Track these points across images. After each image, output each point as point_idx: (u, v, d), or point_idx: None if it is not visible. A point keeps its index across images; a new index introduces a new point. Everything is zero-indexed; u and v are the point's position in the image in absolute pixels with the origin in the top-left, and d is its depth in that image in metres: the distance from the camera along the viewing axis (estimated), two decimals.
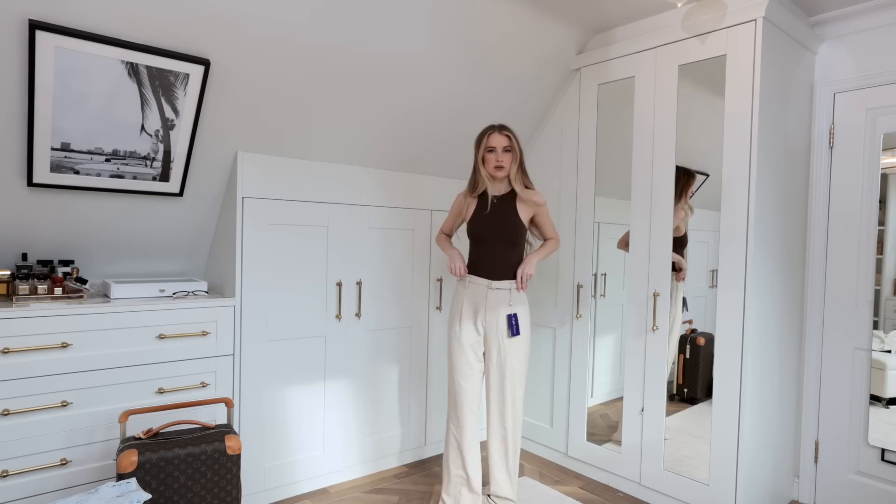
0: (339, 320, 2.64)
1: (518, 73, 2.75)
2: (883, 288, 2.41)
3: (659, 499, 2.53)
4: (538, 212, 2.34)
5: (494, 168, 2.25)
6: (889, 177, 2.41)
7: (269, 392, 2.45)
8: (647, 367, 2.56)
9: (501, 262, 2.28)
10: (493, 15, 2.41)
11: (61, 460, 1.96)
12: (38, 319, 1.91)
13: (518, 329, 2.26)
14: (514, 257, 2.30)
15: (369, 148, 2.65)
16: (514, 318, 2.26)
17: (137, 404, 2.12)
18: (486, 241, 2.29)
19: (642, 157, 2.57)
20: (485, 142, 2.27)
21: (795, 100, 2.45)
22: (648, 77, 2.55)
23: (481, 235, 2.29)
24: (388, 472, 2.84)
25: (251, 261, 2.36)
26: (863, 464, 2.45)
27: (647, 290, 2.55)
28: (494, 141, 2.25)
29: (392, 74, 2.40)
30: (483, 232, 2.29)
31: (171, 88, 1.99)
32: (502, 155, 2.25)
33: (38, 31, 1.68)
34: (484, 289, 2.29)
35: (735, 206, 2.26)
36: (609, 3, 2.47)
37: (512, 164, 2.26)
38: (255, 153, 2.37)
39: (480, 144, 2.29)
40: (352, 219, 2.66)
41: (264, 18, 1.98)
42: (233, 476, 1.98)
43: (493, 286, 2.27)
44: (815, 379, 2.58)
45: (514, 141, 2.26)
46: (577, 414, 2.88)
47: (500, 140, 2.25)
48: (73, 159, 1.98)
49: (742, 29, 2.23)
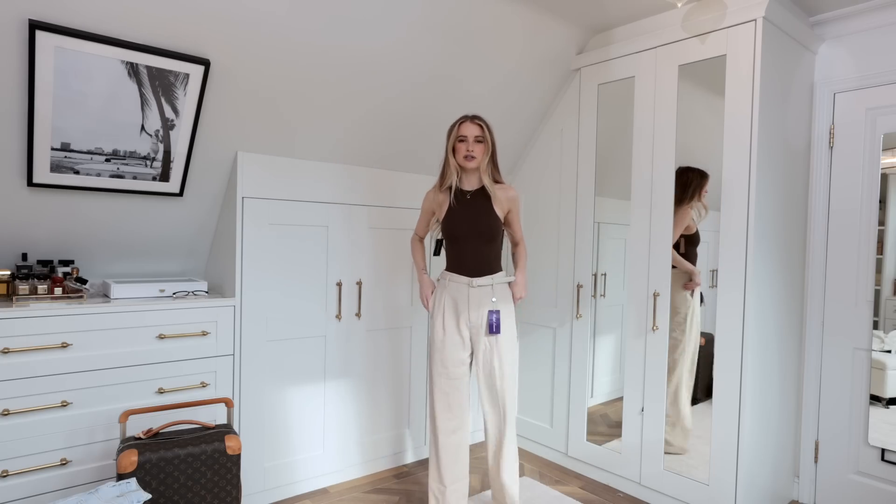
0: (339, 320, 2.64)
1: (518, 73, 2.75)
2: (883, 288, 2.41)
3: (659, 499, 2.53)
4: (511, 209, 2.26)
5: (464, 158, 2.15)
6: (889, 177, 2.41)
7: (269, 392, 2.45)
8: (647, 367, 2.56)
9: (481, 259, 2.20)
10: (493, 15, 2.41)
11: (61, 460, 1.96)
12: (38, 319, 1.91)
13: (498, 327, 2.17)
14: (493, 252, 2.23)
15: (369, 148, 2.65)
16: (494, 315, 2.17)
17: (137, 404, 2.12)
18: (462, 239, 2.20)
19: (642, 157, 2.57)
20: (456, 130, 2.17)
21: (795, 100, 2.45)
22: (648, 77, 2.55)
23: (457, 233, 2.20)
24: (388, 472, 2.84)
25: (251, 261, 2.36)
26: (863, 464, 2.45)
27: (647, 290, 2.55)
28: (466, 130, 2.15)
29: (392, 74, 2.40)
30: (458, 230, 2.20)
31: (171, 88, 1.99)
32: (473, 145, 2.15)
33: (38, 31, 1.68)
34: (465, 287, 2.20)
35: (735, 206, 2.26)
36: (609, 3, 2.47)
37: (483, 156, 2.17)
38: (254, 153, 2.37)
39: (451, 133, 2.18)
40: (352, 219, 2.66)
41: (264, 18, 1.98)
42: (233, 476, 1.98)
43: (475, 283, 2.19)
44: (815, 379, 2.58)
45: (487, 131, 2.16)
46: (577, 414, 2.88)
47: (471, 129, 2.15)
48: (73, 159, 1.98)
49: (742, 29, 2.23)
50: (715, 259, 2.36)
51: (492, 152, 2.19)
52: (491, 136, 2.18)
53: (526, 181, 3.18)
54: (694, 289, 2.56)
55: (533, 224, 3.14)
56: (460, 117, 2.21)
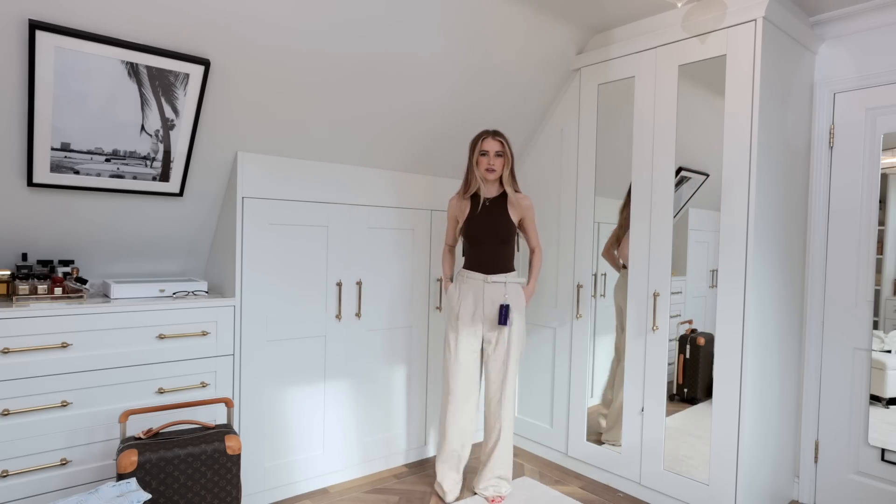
0: (339, 320, 2.64)
1: (518, 73, 2.75)
2: (883, 288, 2.41)
3: (659, 499, 2.53)
4: (525, 216, 2.50)
5: (486, 171, 2.41)
6: (889, 177, 2.41)
7: (269, 392, 2.45)
8: (647, 367, 2.56)
9: (495, 259, 2.46)
10: (492, 15, 2.41)
11: (61, 460, 1.96)
12: (37, 319, 1.91)
13: (506, 319, 2.40)
14: (507, 253, 2.48)
15: (369, 148, 2.65)
16: (505, 308, 2.40)
17: (137, 404, 2.12)
18: (479, 240, 2.46)
19: (642, 157, 2.57)
20: (479, 145, 2.42)
21: (795, 100, 2.45)
22: (648, 77, 2.55)
23: (475, 235, 2.46)
24: (388, 472, 2.84)
25: (251, 261, 2.36)
26: (863, 464, 2.45)
27: (647, 290, 2.55)
28: (488, 145, 2.41)
29: (392, 74, 2.40)
30: (476, 232, 2.46)
31: (171, 88, 1.99)
32: (494, 159, 2.41)
33: (38, 31, 1.68)
34: (480, 283, 2.46)
35: (735, 206, 2.26)
36: (609, 3, 2.47)
37: (504, 168, 2.44)
38: (255, 153, 2.37)
39: (475, 147, 2.44)
40: (352, 219, 2.66)
41: (264, 18, 1.98)
42: (233, 476, 1.98)
43: (489, 280, 2.45)
44: (815, 379, 2.58)
45: (507, 147, 2.43)
46: (577, 414, 2.88)
47: (493, 145, 2.41)
48: (73, 159, 1.98)
49: (742, 29, 2.23)
50: (715, 259, 2.36)
51: (511, 165, 2.46)
52: (510, 150, 2.45)
53: (526, 181, 3.18)
54: None
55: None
56: (482, 132, 2.46)
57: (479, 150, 2.42)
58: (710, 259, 2.47)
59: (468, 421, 2.53)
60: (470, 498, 2.55)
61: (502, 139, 2.42)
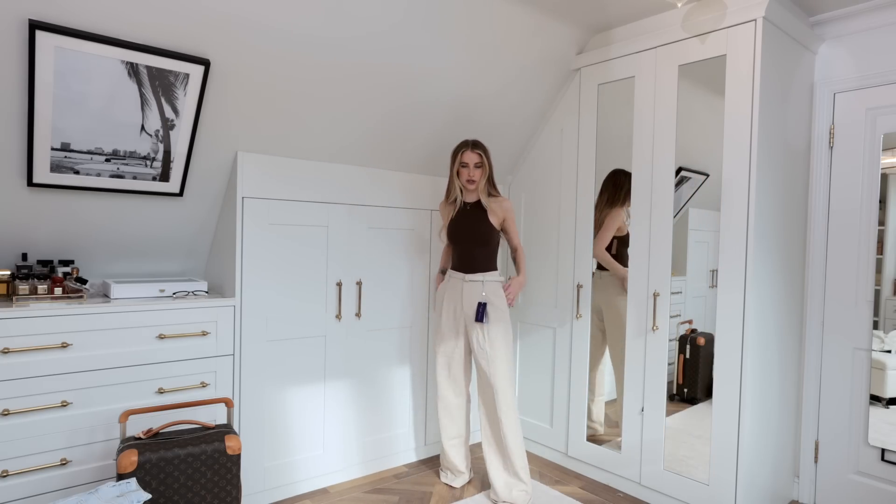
0: (339, 320, 2.64)
1: (518, 73, 2.75)
2: (883, 288, 2.41)
3: (659, 499, 2.53)
4: (506, 217, 2.59)
5: (466, 181, 2.54)
6: (889, 177, 2.41)
7: (269, 392, 2.45)
8: (647, 367, 2.56)
9: (473, 259, 2.57)
10: (493, 15, 2.41)
11: (61, 460, 1.96)
12: (38, 319, 1.91)
13: (482, 316, 2.49)
14: (485, 254, 2.58)
15: (369, 148, 2.65)
16: (482, 306, 2.49)
17: (137, 404, 2.12)
18: (460, 242, 2.59)
19: (642, 157, 2.57)
20: (459, 158, 2.53)
21: (795, 100, 2.45)
22: (648, 77, 2.55)
23: (455, 237, 2.60)
24: (388, 472, 2.84)
25: (251, 261, 2.36)
26: (863, 464, 2.45)
27: (647, 290, 2.55)
28: (467, 158, 2.52)
29: (392, 74, 2.40)
30: (457, 235, 2.59)
31: (171, 88, 1.99)
32: (473, 171, 2.52)
33: (38, 31, 1.68)
34: (460, 281, 2.59)
35: (735, 206, 2.26)
36: (609, 3, 2.47)
37: (481, 179, 2.55)
38: (255, 153, 2.37)
39: (455, 159, 2.55)
40: (352, 219, 2.66)
41: (264, 18, 1.98)
42: (233, 476, 1.98)
43: (468, 279, 2.56)
44: (815, 379, 2.58)
45: (485, 158, 2.53)
46: (577, 414, 2.88)
47: (472, 157, 2.51)
48: (73, 159, 1.98)
49: (742, 29, 2.23)
50: (715, 259, 2.36)
51: (489, 173, 2.56)
52: (488, 160, 2.55)
53: (526, 181, 3.18)
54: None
55: (533, 224, 3.14)
56: (462, 144, 2.55)
57: (459, 162, 2.53)
58: (710, 259, 2.48)
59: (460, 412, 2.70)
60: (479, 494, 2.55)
61: (481, 151, 2.52)
